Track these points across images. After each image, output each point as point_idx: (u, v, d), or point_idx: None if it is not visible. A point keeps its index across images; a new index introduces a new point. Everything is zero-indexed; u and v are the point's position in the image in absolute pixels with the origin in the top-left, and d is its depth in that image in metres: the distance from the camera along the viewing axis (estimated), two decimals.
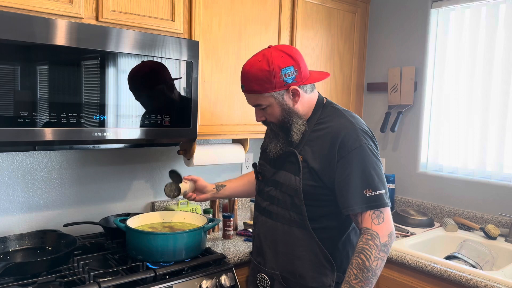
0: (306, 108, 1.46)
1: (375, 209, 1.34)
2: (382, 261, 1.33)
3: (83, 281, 1.53)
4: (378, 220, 1.33)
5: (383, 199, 1.35)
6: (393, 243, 1.37)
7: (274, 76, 1.36)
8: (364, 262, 1.30)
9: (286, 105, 1.41)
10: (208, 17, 1.98)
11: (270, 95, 1.40)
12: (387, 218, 1.35)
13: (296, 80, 1.39)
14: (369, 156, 1.36)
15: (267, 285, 1.52)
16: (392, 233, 1.36)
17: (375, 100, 2.84)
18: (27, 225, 1.92)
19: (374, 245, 1.31)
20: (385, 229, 1.33)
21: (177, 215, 1.91)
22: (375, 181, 1.35)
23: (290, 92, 1.40)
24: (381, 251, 1.32)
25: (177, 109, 1.84)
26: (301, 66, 1.41)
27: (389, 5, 2.74)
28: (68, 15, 1.58)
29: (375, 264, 1.31)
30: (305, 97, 1.45)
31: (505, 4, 2.25)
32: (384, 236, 1.32)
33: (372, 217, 1.33)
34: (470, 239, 2.13)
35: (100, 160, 2.11)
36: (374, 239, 1.31)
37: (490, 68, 2.31)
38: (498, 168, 2.31)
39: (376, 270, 1.31)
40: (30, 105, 1.47)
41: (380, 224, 1.33)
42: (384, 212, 1.35)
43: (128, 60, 1.68)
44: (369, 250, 1.31)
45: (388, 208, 1.37)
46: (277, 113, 1.43)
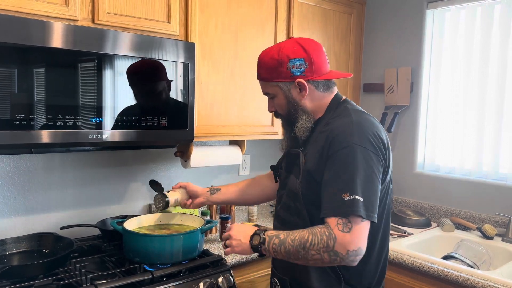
0: (317, 106, 1.39)
1: (343, 217, 1.19)
2: (320, 260, 1.21)
3: (80, 283, 1.52)
4: (344, 227, 1.18)
5: (356, 206, 1.18)
6: (349, 262, 1.19)
7: (281, 66, 1.34)
8: (306, 243, 1.21)
9: (292, 98, 1.37)
10: (204, 19, 1.99)
11: (276, 84, 1.38)
12: (356, 231, 1.18)
13: (305, 74, 1.34)
14: (357, 157, 1.22)
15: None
16: (354, 252, 1.17)
17: (372, 101, 2.84)
18: (24, 228, 1.92)
19: (325, 243, 1.18)
20: (347, 241, 1.17)
21: (174, 217, 1.91)
22: (356, 185, 1.20)
23: (296, 85, 1.35)
24: (328, 253, 1.19)
25: (174, 110, 1.84)
26: (313, 60, 1.34)
27: (384, 6, 2.75)
28: (64, 18, 1.58)
29: (311, 255, 1.21)
30: (316, 94, 1.38)
31: (500, 4, 2.26)
32: (343, 248, 1.17)
33: (338, 222, 1.19)
34: (467, 239, 2.14)
35: (97, 162, 2.11)
36: (329, 239, 1.18)
37: (485, 68, 2.32)
38: (494, 168, 2.32)
39: (309, 260, 1.22)
40: (26, 108, 1.47)
41: (345, 232, 1.18)
42: (353, 223, 1.18)
43: (124, 62, 1.68)
44: (318, 240, 1.19)
45: (363, 222, 1.19)
46: (283, 105, 1.40)
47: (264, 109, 2.26)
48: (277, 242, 1.26)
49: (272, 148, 2.83)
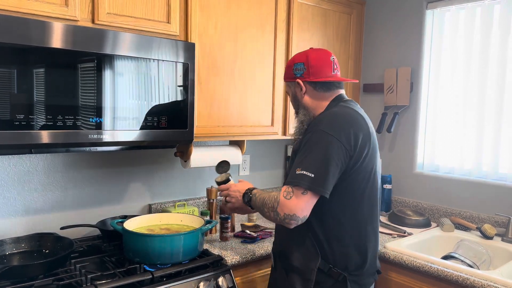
0: (317, 103, 1.59)
1: (290, 186, 1.42)
2: (269, 217, 1.48)
3: (80, 284, 1.52)
4: (287, 195, 1.42)
5: (303, 179, 1.39)
6: (285, 224, 1.42)
7: (289, 68, 1.62)
8: (263, 201, 1.50)
9: (296, 96, 1.62)
10: (204, 19, 1.99)
11: (287, 83, 1.67)
12: (297, 200, 1.40)
13: (304, 75, 1.58)
14: (319, 140, 1.42)
15: (273, 262, 1.70)
16: (288, 216, 1.41)
17: (371, 101, 2.84)
18: (23, 228, 1.92)
19: (272, 204, 1.45)
20: (285, 206, 1.41)
21: (174, 217, 1.91)
22: (307, 161, 1.41)
23: (296, 84, 1.60)
24: (273, 212, 1.45)
25: (174, 111, 1.84)
26: (311, 64, 1.56)
27: (384, 7, 2.76)
28: (64, 18, 1.58)
29: (265, 211, 1.49)
30: (315, 93, 1.59)
31: (499, 4, 2.26)
32: (281, 210, 1.42)
33: (285, 190, 1.43)
34: (466, 238, 2.14)
35: (97, 162, 2.11)
36: (275, 202, 1.44)
37: (485, 68, 2.32)
38: (494, 168, 2.32)
39: (265, 214, 1.49)
40: (26, 108, 1.47)
41: (286, 199, 1.41)
42: (295, 192, 1.40)
43: (124, 62, 1.68)
44: (270, 202, 1.46)
45: (306, 194, 1.39)
46: (292, 100, 1.67)
47: (264, 109, 2.28)
48: (255, 198, 1.58)
49: (272, 148, 2.83)
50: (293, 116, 2.37)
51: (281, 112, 2.37)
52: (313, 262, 1.51)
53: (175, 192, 2.42)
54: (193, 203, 2.45)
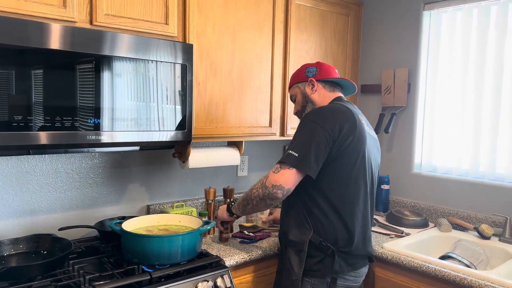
0: (321, 99, 1.84)
1: (279, 163, 1.64)
2: (258, 197, 1.67)
3: (78, 284, 1.52)
4: (275, 170, 1.64)
5: (288, 158, 1.61)
6: (274, 195, 1.61)
7: (301, 72, 1.89)
8: (252, 187, 1.73)
9: (305, 93, 1.86)
10: (202, 20, 1.99)
11: (296, 85, 1.90)
12: (282, 173, 1.61)
13: (316, 75, 1.85)
14: (306, 127, 1.65)
15: (280, 246, 1.91)
16: (276, 186, 1.61)
17: (369, 102, 2.85)
18: (21, 229, 1.92)
19: (261, 181, 1.67)
20: (273, 178, 1.62)
21: (172, 218, 1.91)
22: (294, 144, 1.64)
23: (309, 83, 1.85)
24: (261, 189, 1.65)
25: (172, 112, 1.84)
26: (322, 68, 1.86)
27: (382, 8, 2.77)
28: (62, 19, 1.59)
29: (253, 193, 1.70)
30: (323, 91, 1.85)
31: (496, 6, 2.28)
32: (269, 183, 1.63)
33: (275, 167, 1.65)
34: (464, 239, 2.15)
35: (95, 163, 2.11)
36: (265, 178, 1.66)
37: (482, 69, 2.33)
38: (491, 168, 2.33)
39: (253, 199, 1.70)
40: (24, 109, 1.47)
41: (274, 173, 1.63)
42: (282, 168, 1.62)
43: (122, 63, 1.68)
44: (259, 182, 1.69)
45: (291, 169, 1.60)
46: (300, 100, 1.88)
47: (262, 110, 2.29)
48: (240, 199, 1.81)
49: (270, 148, 2.83)
50: (291, 117, 2.40)
51: (279, 113, 2.38)
52: (305, 235, 1.70)
53: (173, 193, 2.42)
54: (191, 204, 2.45)
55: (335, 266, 1.67)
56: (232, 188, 2.28)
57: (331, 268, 1.67)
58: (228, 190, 2.27)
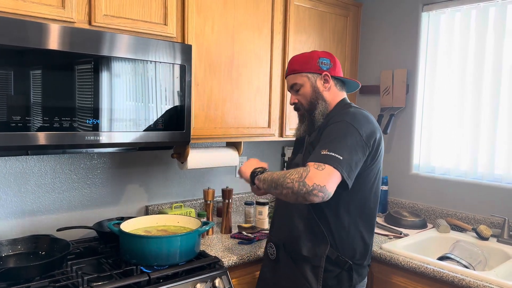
0: (331, 98, 1.67)
1: (319, 162, 1.40)
2: (291, 189, 1.40)
3: (76, 285, 1.52)
4: (318, 167, 1.39)
5: (331, 159, 1.39)
6: (312, 195, 1.36)
7: (313, 60, 1.65)
8: (286, 174, 1.44)
9: (316, 88, 1.65)
10: (201, 21, 1.99)
11: (305, 74, 1.65)
12: (327, 172, 1.37)
13: (330, 70, 1.66)
14: (343, 129, 1.48)
15: (273, 253, 1.70)
16: (318, 187, 1.35)
17: (368, 103, 2.85)
18: (20, 230, 1.91)
19: (300, 174, 1.39)
20: (316, 176, 1.36)
21: (171, 219, 1.91)
22: (334, 147, 1.43)
23: (322, 77, 1.64)
24: (298, 183, 1.38)
25: (171, 112, 1.84)
26: (336, 63, 1.68)
27: (380, 9, 2.77)
28: (60, 20, 1.59)
29: (286, 183, 1.42)
30: (333, 89, 1.67)
31: (494, 7, 2.28)
32: (310, 180, 1.36)
33: (315, 164, 1.40)
34: (462, 239, 2.15)
35: (94, 164, 2.11)
36: (304, 171, 1.39)
37: (480, 70, 2.34)
38: (489, 169, 2.33)
39: (283, 187, 1.43)
40: (23, 110, 1.47)
41: (317, 170, 1.38)
42: (327, 167, 1.39)
43: (121, 64, 1.68)
44: (296, 172, 1.41)
45: (333, 169, 1.38)
46: (308, 93, 1.65)
47: (261, 111, 2.29)
48: (267, 175, 1.55)
49: (269, 149, 2.83)
50: (290, 118, 2.40)
51: (278, 114, 2.38)
52: (322, 249, 1.56)
53: (172, 194, 2.42)
54: (190, 205, 2.45)
55: (354, 281, 1.58)
56: (231, 189, 2.28)
57: (348, 283, 1.58)
58: (227, 191, 2.27)
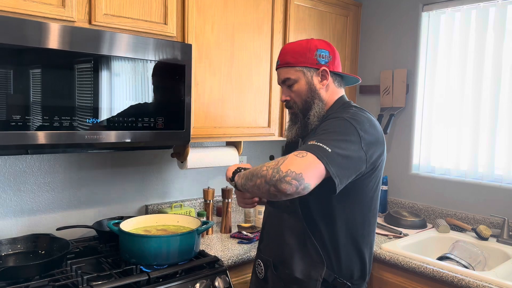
0: (328, 97, 1.48)
1: (302, 149, 1.24)
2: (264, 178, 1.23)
3: (76, 284, 1.52)
4: (298, 154, 1.22)
5: (316, 149, 1.21)
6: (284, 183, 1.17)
7: (310, 52, 1.43)
8: (264, 164, 1.29)
9: (313, 85, 1.45)
10: (201, 20, 1.99)
11: (300, 69, 1.44)
12: (308, 160, 1.18)
13: (329, 65, 1.45)
14: (340, 125, 1.30)
15: (261, 271, 1.53)
16: (292, 174, 1.17)
17: (368, 103, 2.85)
18: (19, 229, 1.91)
19: (276, 162, 1.24)
20: (294, 163, 1.19)
21: (170, 218, 1.91)
22: (327, 138, 1.25)
23: (319, 73, 1.44)
24: (272, 169, 1.21)
25: (171, 112, 1.84)
26: (336, 56, 1.48)
27: (380, 9, 2.77)
28: (61, 19, 1.58)
29: (261, 171, 1.26)
30: (331, 86, 1.48)
31: (494, 7, 2.28)
32: (286, 166, 1.19)
33: (295, 152, 1.24)
34: (462, 240, 2.15)
35: (93, 163, 2.11)
36: (282, 159, 1.23)
37: (480, 70, 2.34)
38: (489, 169, 2.33)
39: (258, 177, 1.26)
40: (22, 109, 1.47)
41: (296, 156, 1.20)
42: (308, 155, 1.20)
43: (121, 63, 1.68)
44: (273, 162, 1.26)
45: (318, 161, 1.19)
46: (303, 90, 1.45)
47: (260, 110, 2.28)
48: (247, 171, 1.38)
49: (268, 149, 2.83)
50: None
51: (278, 113, 2.38)
52: (317, 271, 1.38)
53: (171, 193, 2.42)
54: (189, 204, 2.45)
55: None
56: (231, 189, 2.28)
57: None
58: (227, 191, 2.27)
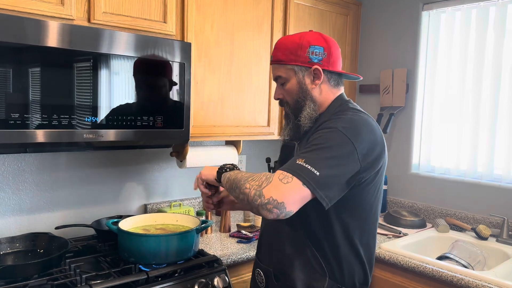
0: (323, 98, 1.39)
1: (288, 172, 1.18)
2: (246, 196, 1.20)
3: (74, 283, 1.52)
4: (283, 179, 1.17)
5: (303, 172, 1.17)
6: (264, 210, 1.16)
7: (301, 49, 1.35)
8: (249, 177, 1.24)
9: (304, 85, 1.37)
10: (200, 19, 1.99)
11: (291, 68, 1.37)
12: (291, 187, 1.15)
13: (323, 63, 1.36)
14: (332, 139, 1.23)
15: (262, 281, 1.49)
16: (274, 202, 1.14)
17: (367, 102, 2.85)
18: (18, 227, 1.91)
19: (260, 182, 1.19)
20: (276, 190, 1.15)
21: (169, 217, 1.90)
22: (315, 157, 1.19)
23: (312, 72, 1.36)
24: (255, 191, 1.18)
25: (170, 110, 1.84)
26: (332, 52, 1.37)
27: (380, 8, 2.76)
28: (59, 17, 1.58)
29: (244, 187, 1.22)
30: (326, 86, 1.39)
31: (495, 7, 2.28)
32: (268, 193, 1.16)
33: (281, 173, 1.19)
34: (461, 239, 2.15)
35: (92, 162, 2.10)
36: (266, 181, 1.19)
37: (480, 70, 2.33)
38: (489, 169, 2.33)
39: (240, 192, 1.24)
40: (21, 107, 1.47)
41: (281, 183, 1.16)
42: (294, 180, 1.16)
43: (120, 62, 1.68)
44: (258, 178, 1.21)
45: (303, 188, 1.16)
46: (294, 90, 1.38)
47: (260, 109, 2.28)
48: (234, 173, 1.32)
49: (268, 148, 2.83)
50: None
51: (278, 113, 2.37)
52: (319, 282, 1.33)
53: (170, 192, 2.41)
54: (188, 203, 2.45)
55: None
56: None
57: None
58: None
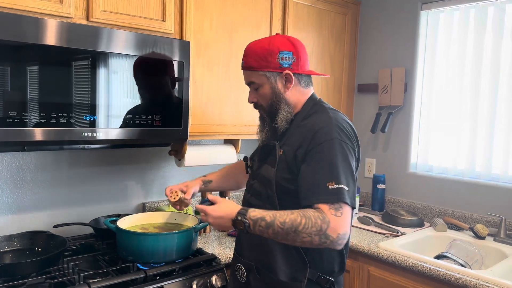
0: (296, 99, 1.47)
1: (335, 202, 1.27)
2: (309, 242, 1.26)
3: (73, 282, 1.52)
4: (336, 212, 1.26)
5: (344, 194, 1.27)
6: (336, 245, 1.27)
7: (271, 55, 1.40)
8: (299, 226, 1.25)
9: (277, 89, 1.43)
10: (199, 17, 1.99)
11: (263, 74, 1.42)
12: (345, 215, 1.27)
13: (292, 67, 1.42)
14: (339, 150, 1.32)
15: (243, 275, 1.51)
16: (342, 236, 1.26)
17: (366, 101, 2.85)
18: (16, 226, 1.90)
19: (319, 226, 1.24)
20: (339, 225, 1.25)
21: (168, 216, 1.91)
22: (340, 175, 1.29)
23: (283, 76, 1.42)
24: (319, 236, 1.24)
25: (168, 109, 1.84)
26: (300, 56, 1.44)
27: (379, 7, 2.77)
28: (58, 15, 1.58)
29: (301, 237, 1.26)
30: (298, 88, 1.46)
31: (493, 6, 2.28)
32: (334, 231, 1.24)
33: (331, 207, 1.26)
34: (459, 238, 2.15)
35: (91, 160, 2.10)
36: (323, 223, 1.24)
37: (478, 69, 2.34)
38: (487, 169, 2.33)
39: (297, 241, 1.28)
40: (19, 105, 1.46)
41: (338, 217, 1.26)
42: (344, 208, 1.27)
43: (119, 60, 1.67)
44: (311, 224, 1.24)
45: (348, 206, 1.28)
46: (268, 95, 1.45)
47: None
48: (263, 224, 1.29)
49: None
50: None
51: None
52: (301, 273, 1.40)
53: None
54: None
55: None
56: None
57: None
58: None
